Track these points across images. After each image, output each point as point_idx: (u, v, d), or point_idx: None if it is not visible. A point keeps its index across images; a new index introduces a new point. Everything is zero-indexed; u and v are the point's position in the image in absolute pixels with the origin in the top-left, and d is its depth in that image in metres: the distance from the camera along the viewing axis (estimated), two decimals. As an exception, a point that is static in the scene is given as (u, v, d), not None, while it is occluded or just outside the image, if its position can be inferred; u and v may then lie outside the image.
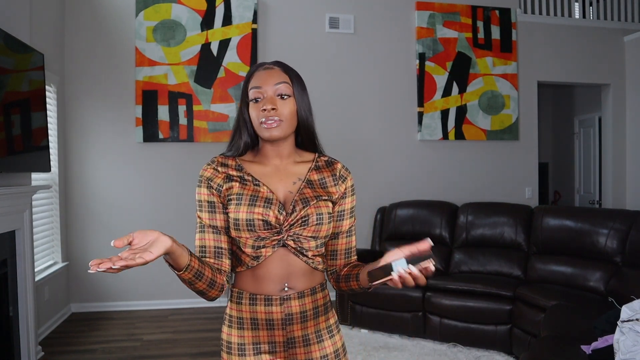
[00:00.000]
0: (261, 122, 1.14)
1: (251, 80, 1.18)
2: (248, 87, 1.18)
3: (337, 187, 1.22)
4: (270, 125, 1.13)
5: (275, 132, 1.14)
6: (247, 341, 1.16)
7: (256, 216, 1.11)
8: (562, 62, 5.20)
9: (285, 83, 1.16)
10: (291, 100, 1.17)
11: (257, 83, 1.16)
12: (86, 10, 4.36)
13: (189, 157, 4.45)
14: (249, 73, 1.21)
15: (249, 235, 1.12)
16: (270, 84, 1.15)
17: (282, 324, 1.15)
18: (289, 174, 1.20)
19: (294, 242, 1.14)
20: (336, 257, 1.26)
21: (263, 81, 1.16)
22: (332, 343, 1.21)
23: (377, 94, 4.84)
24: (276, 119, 1.13)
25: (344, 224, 1.24)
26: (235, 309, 1.18)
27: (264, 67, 1.20)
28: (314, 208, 1.15)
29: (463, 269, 3.86)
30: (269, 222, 1.12)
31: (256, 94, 1.16)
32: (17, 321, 2.94)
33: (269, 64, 1.21)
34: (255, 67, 1.21)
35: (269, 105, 1.13)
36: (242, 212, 1.12)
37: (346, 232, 1.25)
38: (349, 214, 1.25)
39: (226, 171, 1.18)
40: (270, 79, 1.16)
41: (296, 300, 1.15)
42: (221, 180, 1.16)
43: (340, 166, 1.26)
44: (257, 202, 1.13)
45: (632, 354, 1.85)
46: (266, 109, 1.13)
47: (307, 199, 1.16)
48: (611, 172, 5.42)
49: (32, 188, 3.10)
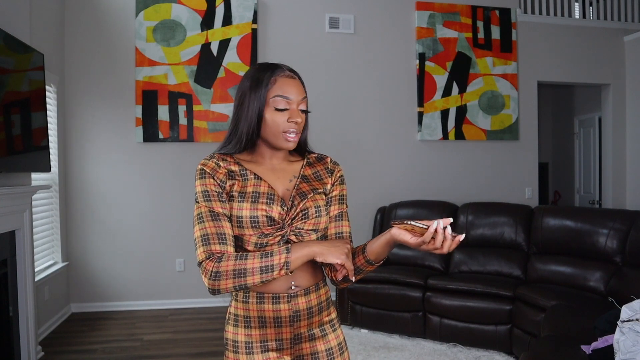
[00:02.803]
0: (284, 131, 1.17)
1: (276, 86, 1.16)
2: (269, 89, 1.16)
3: (329, 179, 1.27)
4: (291, 139, 1.18)
5: (292, 144, 1.19)
6: (254, 339, 1.17)
7: (260, 212, 1.13)
8: (562, 62, 5.20)
9: (306, 98, 1.21)
10: (304, 115, 1.22)
11: (285, 92, 1.16)
12: (86, 10, 4.36)
13: (189, 157, 4.45)
14: (269, 74, 1.18)
15: (252, 232, 1.13)
16: (299, 97, 1.18)
17: (289, 321, 1.17)
18: (285, 173, 1.23)
19: (296, 236, 1.16)
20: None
21: (292, 92, 1.17)
22: (335, 336, 1.24)
23: (377, 94, 4.84)
24: (297, 131, 1.18)
25: (331, 209, 1.26)
26: (242, 307, 1.19)
27: (286, 74, 1.19)
28: (312, 201, 1.19)
29: (463, 269, 3.86)
30: (273, 217, 1.14)
31: (285, 104, 1.16)
32: (17, 321, 2.94)
33: (289, 71, 1.20)
34: (274, 69, 1.19)
35: (299, 118, 1.17)
36: (246, 209, 1.13)
37: (334, 217, 1.25)
38: (337, 201, 1.27)
39: (227, 166, 1.18)
40: (298, 92, 1.19)
41: (303, 297, 1.18)
42: (223, 176, 1.17)
43: (330, 159, 1.31)
44: (259, 199, 1.14)
45: (632, 354, 1.84)
46: (296, 122, 1.17)
47: (304, 192, 1.20)
48: (611, 172, 5.41)
49: (32, 188, 3.10)
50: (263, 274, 1.06)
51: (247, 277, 1.06)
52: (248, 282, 1.06)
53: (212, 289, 1.08)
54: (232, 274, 1.06)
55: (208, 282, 1.07)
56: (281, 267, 1.06)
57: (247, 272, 1.05)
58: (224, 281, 1.06)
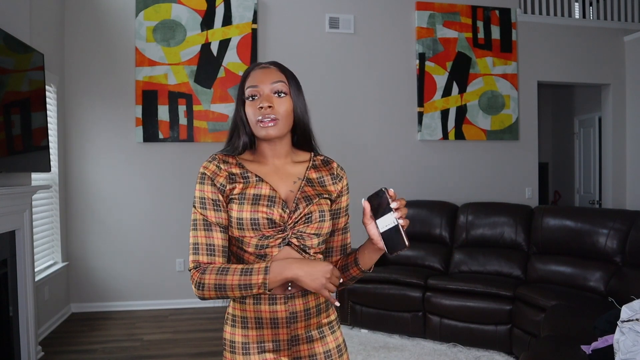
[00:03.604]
0: (258, 120, 1.15)
1: (247, 79, 1.19)
2: (244, 86, 1.19)
3: (335, 186, 1.25)
4: (267, 124, 1.14)
5: (271, 130, 1.15)
6: (251, 340, 1.17)
7: (260, 215, 1.12)
8: (562, 62, 5.20)
9: (281, 82, 1.17)
10: (287, 99, 1.18)
11: (253, 82, 1.17)
12: (86, 10, 4.36)
13: (189, 157, 4.45)
14: (245, 72, 1.22)
15: (253, 235, 1.13)
16: (267, 82, 1.16)
17: (286, 323, 1.16)
18: (289, 174, 1.21)
19: (297, 239, 1.15)
20: (332, 254, 1.28)
21: (259, 80, 1.17)
22: (334, 338, 1.23)
23: (377, 94, 4.84)
24: (272, 117, 1.14)
25: (340, 221, 1.27)
26: (239, 308, 1.18)
27: (260, 66, 1.21)
28: (317, 205, 1.17)
29: (463, 269, 3.85)
30: (274, 220, 1.13)
31: (252, 92, 1.17)
32: (17, 321, 2.94)
33: (265, 63, 1.22)
34: (251, 67, 1.23)
35: (266, 102, 1.14)
36: (246, 211, 1.12)
37: (342, 230, 1.28)
38: (344, 212, 1.28)
39: (228, 169, 1.17)
40: (267, 77, 1.17)
41: (300, 298, 1.17)
42: (224, 179, 1.16)
43: (336, 165, 1.29)
44: (260, 201, 1.13)
45: (632, 354, 1.85)
46: (263, 106, 1.14)
47: (309, 196, 1.18)
48: (611, 172, 5.41)
49: (32, 188, 3.10)
50: (242, 291, 1.09)
51: (227, 291, 1.10)
52: (229, 295, 1.11)
53: (198, 296, 1.14)
54: (213, 287, 1.10)
55: (194, 290, 1.13)
56: (259, 287, 1.08)
57: (226, 287, 1.09)
58: (207, 292, 1.11)
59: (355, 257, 1.20)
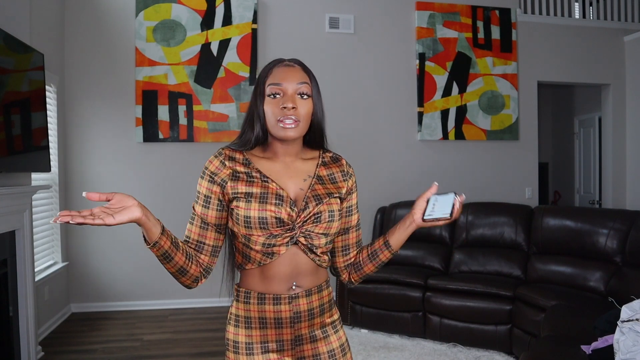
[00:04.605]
0: (278, 119, 1.12)
1: (270, 75, 1.15)
2: (265, 81, 1.15)
3: (345, 183, 1.25)
4: (288, 125, 1.11)
5: (291, 132, 1.12)
6: (254, 340, 1.17)
7: (269, 213, 1.11)
8: (562, 62, 5.20)
9: (306, 83, 1.15)
10: (309, 101, 1.15)
11: (277, 79, 1.14)
12: (86, 10, 4.36)
13: (189, 157, 4.45)
14: (267, 67, 1.18)
15: (261, 233, 1.12)
16: (292, 82, 1.13)
17: (290, 322, 1.16)
18: (299, 172, 1.20)
19: (305, 239, 1.14)
20: (349, 250, 1.29)
21: (283, 78, 1.14)
22: (337, 338, 1.23)
23: (377, 94, 4.84)
24: (294, 118, 1.11)
25: (352, 218, 1.28)
26: (243, 308, 1.18)
27: (284, 63, 1.18)
28: (326, 205, 1.16)
29: (463, 269, 3.85)
30: (282, 219, 1.11)
31: (275, 89, 1.13)
32: (17, 321, 2.94)
33: (288, 61, 1.19)
34: (273, 62, 1.19)
35: (290, 103, 1.11)
36: (254, 209, 1.11)
37: (355, 226, 1.30)
38: (356, 209, 1.29)
39: (233, 166, 1.16)
40: (292, 77, 1.14)
41: (304, 298, 1.16)
42: (226, 176, 1.15)
43: (345, 162, 1.28)
44: (268, 199, 1.12)
45: (632, 354, 1.85)
46: (287, 107, 1.11)
47: (319, 196, 1.16)
48: (611, 172, 5.41)
49: (32, 188, 3.10)
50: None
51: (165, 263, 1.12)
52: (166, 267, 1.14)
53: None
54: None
55: None
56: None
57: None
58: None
59: (385, 241, 1.23)
